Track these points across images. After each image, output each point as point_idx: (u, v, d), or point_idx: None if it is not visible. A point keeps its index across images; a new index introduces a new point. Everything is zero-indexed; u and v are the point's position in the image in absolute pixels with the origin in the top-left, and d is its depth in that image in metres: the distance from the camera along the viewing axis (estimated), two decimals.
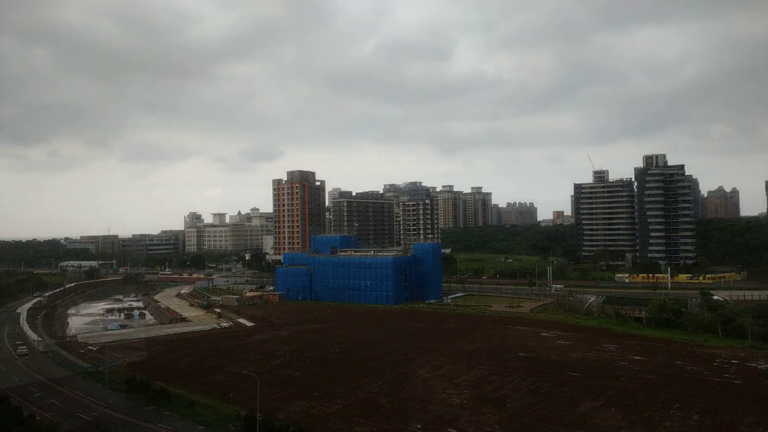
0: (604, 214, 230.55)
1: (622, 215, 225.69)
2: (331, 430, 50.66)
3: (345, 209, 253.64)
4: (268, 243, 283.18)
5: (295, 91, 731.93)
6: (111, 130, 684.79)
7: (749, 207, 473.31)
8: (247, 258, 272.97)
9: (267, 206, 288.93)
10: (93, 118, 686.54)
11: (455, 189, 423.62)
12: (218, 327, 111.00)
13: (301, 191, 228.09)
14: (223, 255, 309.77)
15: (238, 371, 70.85)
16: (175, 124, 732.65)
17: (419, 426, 50.63)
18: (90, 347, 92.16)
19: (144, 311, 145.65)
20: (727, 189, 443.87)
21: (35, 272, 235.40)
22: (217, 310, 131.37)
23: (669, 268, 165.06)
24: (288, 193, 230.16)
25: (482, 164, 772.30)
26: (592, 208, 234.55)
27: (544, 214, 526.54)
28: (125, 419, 55.24)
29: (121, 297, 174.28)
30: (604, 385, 61.30)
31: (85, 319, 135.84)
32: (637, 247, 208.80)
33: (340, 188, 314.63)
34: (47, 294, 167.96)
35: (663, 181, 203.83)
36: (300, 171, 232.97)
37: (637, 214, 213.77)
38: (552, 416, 52.03)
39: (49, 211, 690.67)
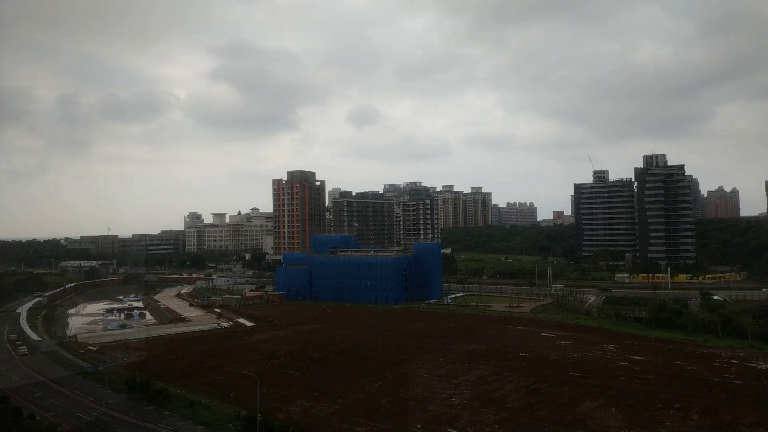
0: (604, 214, 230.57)
1: (622, 215, 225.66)
2: (331, 430, 50.63)
3: (345, 209, 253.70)
4: (268, 243, 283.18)
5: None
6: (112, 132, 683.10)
7: (749, 207, 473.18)
8: (247, 258, 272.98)
9: (267, 206, 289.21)
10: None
11: (455, 189, 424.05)
12: (218, 327, 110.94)
13: (301, 191, 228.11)
14: (223, 255, 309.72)
15: (238, 371, 70.89)
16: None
17: (419, 426, 50.60)
18: (90, 347, 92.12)
19: (144, 311, 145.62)
20: (727, 189, 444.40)
21: (35, 272, 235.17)
22: (217, 310, 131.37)
23: (669, 268, 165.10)
24: (288, 193, 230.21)
25: (483, 164, 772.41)
26: (592, 208, 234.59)
27: (544, 214, 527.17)
28: (125, 419, 55.24)
29: (121, 297, 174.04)
30: (604, 385, 61.25)
31: (85, 319, 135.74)
32: (637, 247, 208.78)
33: (340, 188, 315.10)
34: (47, 294, 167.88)
35: (663, 181, 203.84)
36: (300, 171, 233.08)
37: (637, 214, 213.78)
38: (552, 416, 52.01)
39: (49, 211, 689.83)
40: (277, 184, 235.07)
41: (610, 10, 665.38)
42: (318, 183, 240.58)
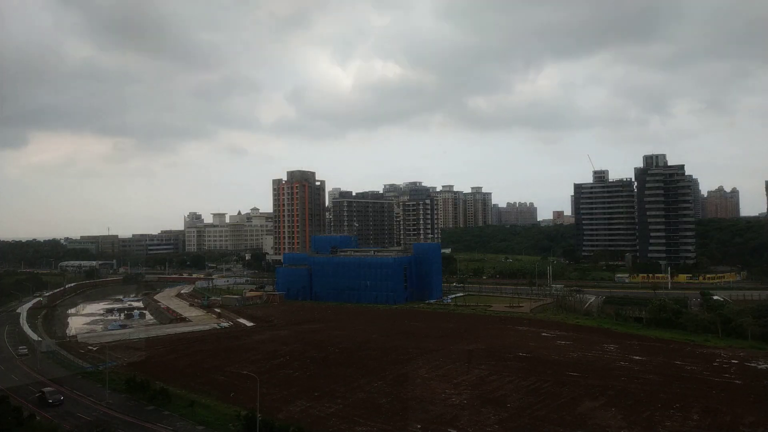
0: (604, 214, 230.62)
1: (622, 215, 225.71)
2: (331, 430, 50.64)
3: (345, 209, 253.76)
4: (268, 243, 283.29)
5: None
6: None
7: (749, 207, 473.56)
8: (247, 258, 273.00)
9: (267, 206, 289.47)
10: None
11: (455, 189, 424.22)
12: (218, 327, 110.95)
13: (301, 191, 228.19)
14: (223, 255, 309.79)
15: (238, 371, 70.86)
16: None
17: (419, 426, 50.60)
18: (90, 347, 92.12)
19: (144, 311, 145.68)
20: (727, 189, 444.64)
21: (35, 272, 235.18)
22: (217, 310, 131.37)
23: (669, 268, 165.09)
24: (288, 193, 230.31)
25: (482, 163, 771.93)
26: (592, 208, 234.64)
27: (544, 214, 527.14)
28: (125, 419, 55.24)
29: (121, 297, 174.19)
30: (604, 385, 61.24)
31: (85, 319, 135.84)
32: (637, 247, 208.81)
33: (340, 188, 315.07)
34: (47, 294, 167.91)
35: (663, 181, 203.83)
36: (300, 171, 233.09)
37: (637, 214, 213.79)
38: (552, 416, 52.01)
39: (49, 211, 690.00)
40: (277, 184, 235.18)
41: None
42: (318, 183, 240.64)
